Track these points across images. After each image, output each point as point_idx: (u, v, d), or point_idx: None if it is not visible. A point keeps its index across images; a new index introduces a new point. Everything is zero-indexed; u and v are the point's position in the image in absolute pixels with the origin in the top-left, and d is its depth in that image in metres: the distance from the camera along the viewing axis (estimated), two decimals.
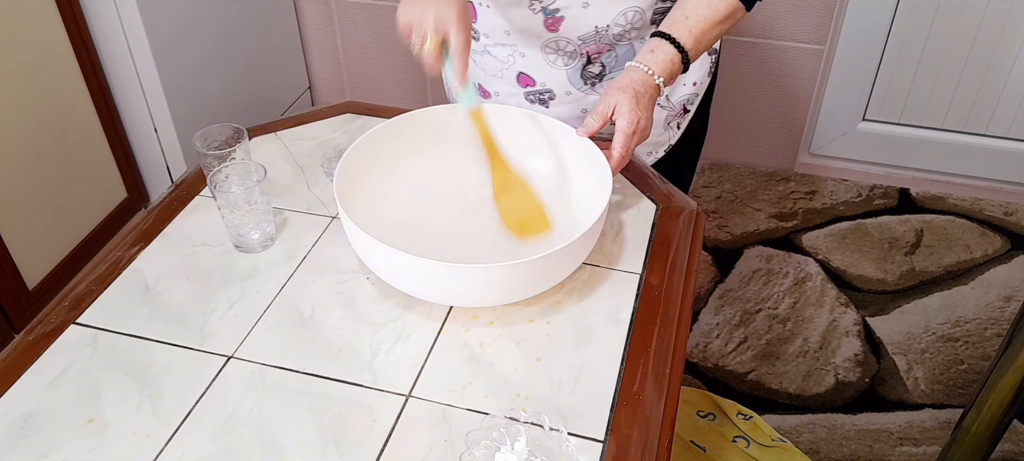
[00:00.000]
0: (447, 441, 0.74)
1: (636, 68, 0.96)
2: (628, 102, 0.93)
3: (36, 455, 0.73)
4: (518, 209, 0.96)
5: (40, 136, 1.73)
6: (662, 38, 0.97)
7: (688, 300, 0.89)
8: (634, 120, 0.93)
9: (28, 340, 0.84)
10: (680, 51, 0.96)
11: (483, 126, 0.95)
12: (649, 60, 0.96)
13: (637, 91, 0.94)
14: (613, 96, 0.94)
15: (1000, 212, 2.18)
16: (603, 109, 0.94)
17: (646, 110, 0.94)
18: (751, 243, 2.10)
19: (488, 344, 0.83)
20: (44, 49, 1.71)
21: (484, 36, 1.10)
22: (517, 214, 0.95)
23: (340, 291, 0.89)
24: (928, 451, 1.60)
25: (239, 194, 0.91)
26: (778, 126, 2.29)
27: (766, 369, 1.76)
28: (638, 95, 0.94)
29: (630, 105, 0.93)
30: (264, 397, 0.78)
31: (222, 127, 1.02)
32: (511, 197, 0.96)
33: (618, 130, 0.93)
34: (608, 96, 0.94)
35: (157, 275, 0.92)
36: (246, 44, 2.18)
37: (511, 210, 0.96)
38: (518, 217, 0.95)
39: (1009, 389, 1.14)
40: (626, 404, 0.77)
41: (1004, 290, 1.95)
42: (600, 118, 0.94)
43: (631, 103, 0.93)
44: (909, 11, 2.05)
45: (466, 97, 0.92)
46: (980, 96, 2.14)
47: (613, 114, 0.94)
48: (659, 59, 0.96)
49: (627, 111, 0.93)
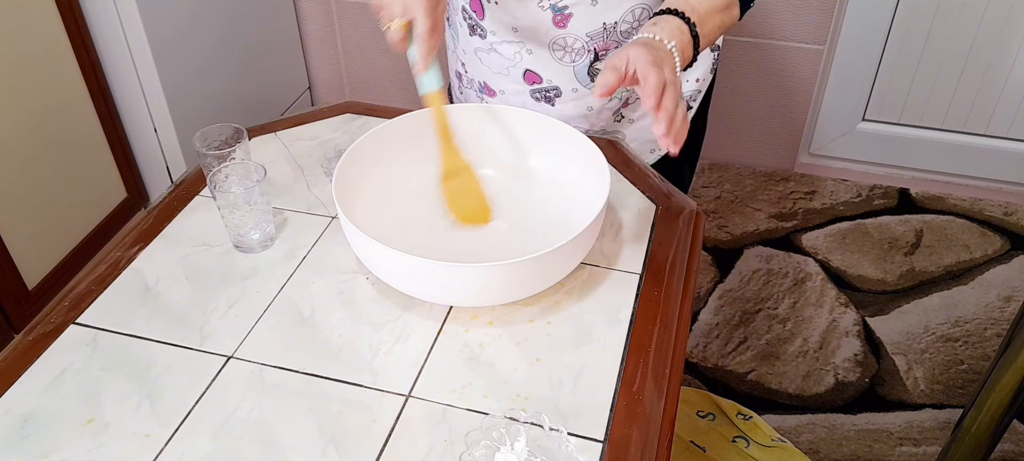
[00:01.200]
0: (447, 441, 0.74)
1: (642, 38, 0.88)
2: (641, 51, 0.82)
3: (36, 455, 0.73)
4: (463, 195, 0.98)
5: (40, 136, 1.73)
6: (663, 14, 0.90)
7: (688, 300, 0.89)
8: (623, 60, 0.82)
9: (28, 340, 0.84)
10: (685, 21, 0.89)
11: (439, 110, 0.96)
12: (654, 30, 0.88)
13: (649, 45, 0.84)
14: (623, 51, 0.83)
15: (1000, 212, 2.18)
16: (616, 62, 0.82)
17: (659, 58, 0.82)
18: (751, 243, 2.10)
19: (488, 344, 0.83)
20: (44, 49, 1.71)
21: (491, 34, 1.10)
22: (461, 200, 0.97)
23: (340, 291, 0.89)
24: (928, 451, 1.60)
25: (239, 194, 0.91)
26: (778, 126, 2.29)
27: (766, 369, 1.76)
28: (641, 44, 0.84)
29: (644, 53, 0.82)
30: (264, 397, 0.78)
31: (222, 127, 1.02)
32: (457, 183, 0.98)
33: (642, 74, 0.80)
34: (618, 52, 0.84)
35: (157, 275, 0.92)
36: (246, 44, 2.18)
37: (456, 195, 0.97)
38: (462, 204, 0.97)
39: (1009, 389, 1.14)
40: (626, 404, 0.77)
41: (1004, 290, 1.95)
42: (614, 72, 0.81)
43: (645, 51, 0.82)
44: (909, 11, 2.05)
45: (425, 79, 0.93)
46: (980, 96, 2.14)
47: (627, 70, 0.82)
48: (665, 28, 0.88)
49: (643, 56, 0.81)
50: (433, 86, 0.94)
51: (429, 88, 0.93)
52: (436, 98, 0.94)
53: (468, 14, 1.11)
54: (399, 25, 0.90)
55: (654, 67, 0.80)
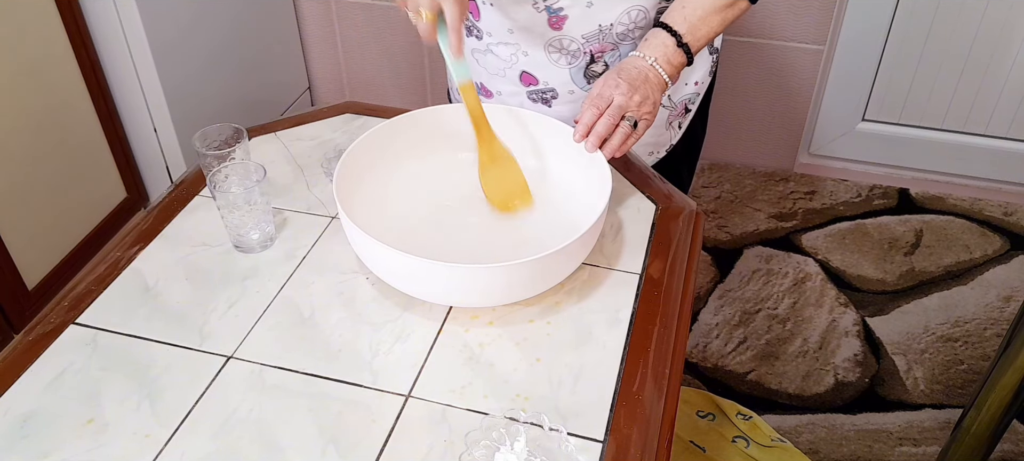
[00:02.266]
0: (447, 441, 0.74)
1: (629, 57, 0.99)
2: (604, 77, 0.96)
3: (36, 455, 0.73)
4: (503, 183, 0.97)
5: (40, 136, 1.73)
6: (656, 28, 0.99)
7: (688, 300, 0.89)
8: (599, 89, 0.95)
9: (28, 340, 0.84)
10: (672, 34, 0.97)
11: (474, 99, 0.95)
12: (642, 48, 0.98)
13: (622, 69, 0.96)
14: (598, 82, 0.97)
15: (1000, 212, 2.18)
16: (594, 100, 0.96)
17: (634, 88, 0.95)
18: (751, 243, 2.10)
19: (488, 344, 0.83)
20: (44, 49, 1.71)
21: (487, 35, 1.10)
22: (501, 188, 0.97)
23: (340, 291, 0.89)
24: (928, 451, 1.60)
25: (239, 194, 0.91)
26: (778, 126, 2.29)
27: (766, 369, 1.76)
28: (620, 70, 0.96)
29: (604, 79, 0.96)
30: (264, 397, 0.78)
31: (222, 127, 1.02)
32: (497, 171, 0.97)
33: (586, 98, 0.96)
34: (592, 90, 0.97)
35: (157, 275, 0.92)
36: (246, 44, 2.18)
37: (495, 184, 0.97)
38: (502, 191, 0.97)
39: (1008, 389, 1.14)
40: (626, 404, 0.77)
41: (1003, 290, 1.95)
42: (593, 111, 0.96)
43: (606, 77, 0.96)
44: (909, 11, 2.05)
45: (458, 69, 0.93)
46: (980, 96, 2.14)
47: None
48: (651, 44, 0.98)
49: (598, 83, 0.96)
50: (466, 76, 0.94)
51: (463, 78, 0.93)
52: (470, 88, 0.94)
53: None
54: (429, 17, 0.88)
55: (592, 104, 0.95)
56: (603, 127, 0.94)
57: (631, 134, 0.95)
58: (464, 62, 0.92)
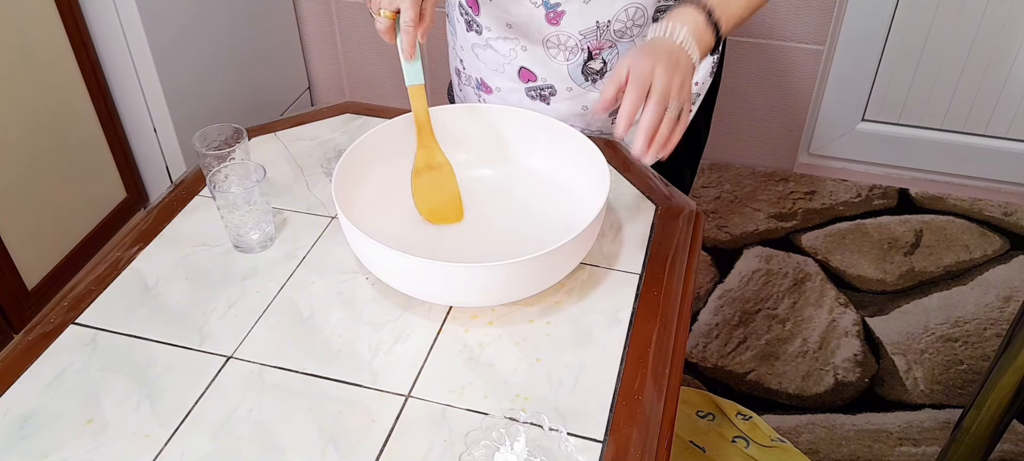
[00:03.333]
0: (446, 441, 0.74)
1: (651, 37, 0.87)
2: (635, 54, 0.83)
3: (35, 455, 0.73)
4: (434, 192, 0.97)
5: (40, 136, 1.73)
6: (683, 4, 0.88)
7: (688, 300, 0.89)
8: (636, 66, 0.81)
9: (27, 340, 0.84)
10: (698, 6, 0.87)
11: (422, 104, 0.96)
12: (669, 21, 0.86)
13: (653, 45, 0.84)
14: (623, 59, 0.84)
15: (999, 212, 2.18)
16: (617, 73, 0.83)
17: (671, 69, 0.82)
18: (750, 243, 2.10)
19: (487, 344, 0.83)
20: (44, 49, 1.71)
21: (486, 30, 1.10)
22: (432, 197, 0.97)
23: (339, 291, 0.89)
24: (927, 451, 1.60)
25: (239, 194, 0.91)
26: (778, 126, 2.29)
27: (765, 369, 1.77)
28: (644, 46, 0.84)
29: (638, 55, 0.82)
30: (264, 397, 0.78)
31: (221, 127, 1.02)
32: (430, 179, 0.97)
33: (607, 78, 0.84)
34: (621, 61, 0.84)
35: (156, 275, 0.92)
36: (246, 44, 2.18)
37: (426, 192, 0.97)
38: (432, 200, 0.97)
39: (1008, 389, 1.14)
40: (625, 404, 0.77)
41: (1003, 290, 1.95)
42: (614, 85, 0.83)
43: (639, 53, 0.82)
44: (909, 11, 2.05)
45: (409, 71, 0.93)
46: (980, 96, 2.14)
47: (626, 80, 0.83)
48: (679, 16, 0.86)
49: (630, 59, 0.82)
50: (416, 79, 0.94)
51: (412, 80, 0.94)
52: (419, 91, 0.95)
53: (465, 10, 1.11)
54: (388, 16, 0.91)
55: (635, 86, 0.80)
56: (649, 122, 0.80)
57: (676, 126, 0.83)
58: (417, 64, 0.93)
